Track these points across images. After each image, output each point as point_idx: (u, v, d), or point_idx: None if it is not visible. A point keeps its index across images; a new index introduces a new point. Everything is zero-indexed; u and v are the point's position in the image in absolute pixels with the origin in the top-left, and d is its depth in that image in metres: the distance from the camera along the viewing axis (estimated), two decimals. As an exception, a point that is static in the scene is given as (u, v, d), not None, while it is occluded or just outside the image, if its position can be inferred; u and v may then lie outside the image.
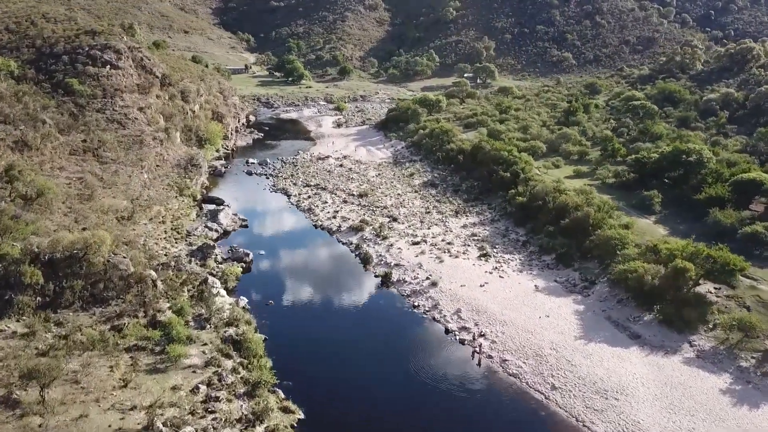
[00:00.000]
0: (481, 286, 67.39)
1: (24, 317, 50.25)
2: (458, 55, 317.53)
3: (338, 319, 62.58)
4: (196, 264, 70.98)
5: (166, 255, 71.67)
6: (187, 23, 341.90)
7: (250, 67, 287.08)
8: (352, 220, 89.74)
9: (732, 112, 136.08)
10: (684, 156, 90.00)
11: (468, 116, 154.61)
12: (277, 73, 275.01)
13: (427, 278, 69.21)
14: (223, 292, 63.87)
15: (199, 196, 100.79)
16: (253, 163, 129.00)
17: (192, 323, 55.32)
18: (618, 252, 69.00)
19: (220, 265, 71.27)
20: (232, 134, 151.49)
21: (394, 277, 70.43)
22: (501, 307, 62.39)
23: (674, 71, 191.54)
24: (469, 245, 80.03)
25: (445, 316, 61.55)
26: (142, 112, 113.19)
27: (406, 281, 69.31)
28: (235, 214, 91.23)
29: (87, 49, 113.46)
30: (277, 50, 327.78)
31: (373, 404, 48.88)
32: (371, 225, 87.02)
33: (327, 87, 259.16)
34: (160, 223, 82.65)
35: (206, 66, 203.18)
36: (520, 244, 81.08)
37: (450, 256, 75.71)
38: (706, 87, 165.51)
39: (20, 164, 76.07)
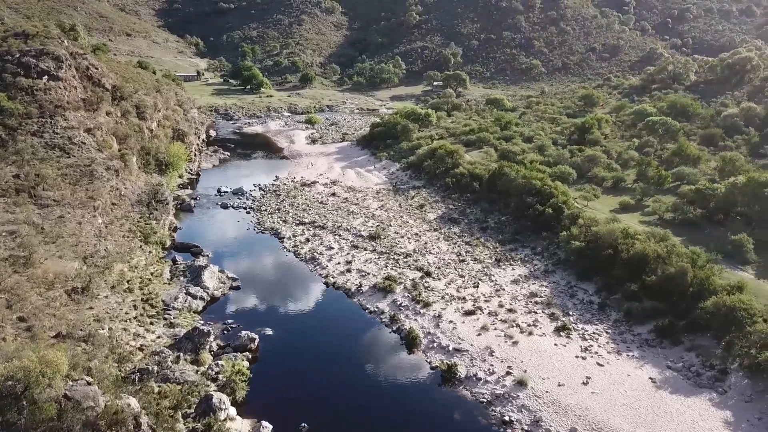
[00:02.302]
0: (584, 383, 49.93)
1: None
2: (425, 62, 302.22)
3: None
4: (185, 360, 50.77)
5: (141, 350, 51.09)
6: (128, 25, 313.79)
7: (203, 74, 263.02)
8: (373, 275, 71.00)
9: (756, 128, 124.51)
10: (766, 190, 75.44)
11: (465, 132, 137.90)
12: (232, 81, 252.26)
13: (508, 372, 51.25)
14: (233, 411, 44.11)
15: (168, 242, 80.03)
16: (227, 191, 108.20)
17: (201, 490, 35.60)
18: (749, 327, 53.07)
19: (218, 361, 51.26)
20: (195, 155, 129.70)
21: (461, 370, 52.07)
22: (630, 423, 45.01)
23: (668, 82, 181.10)
24: (535, 312, 62.60)
25: (557, 441, 43.77)
26: (90, 134, 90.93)
27: (480, 378, 51.08)
28: (222, 271, 70.79)
29: (18, 55, 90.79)
30: (229, 55, 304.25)
31: None
32: (400, 282, 68.53)
33: (289, 96, 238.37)
34: (125, 291, 61.66)
35: (154, 73, 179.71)
36: (595, 307, 64.23)
37: (522, 332, 57.96)
38: (712, 100, 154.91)
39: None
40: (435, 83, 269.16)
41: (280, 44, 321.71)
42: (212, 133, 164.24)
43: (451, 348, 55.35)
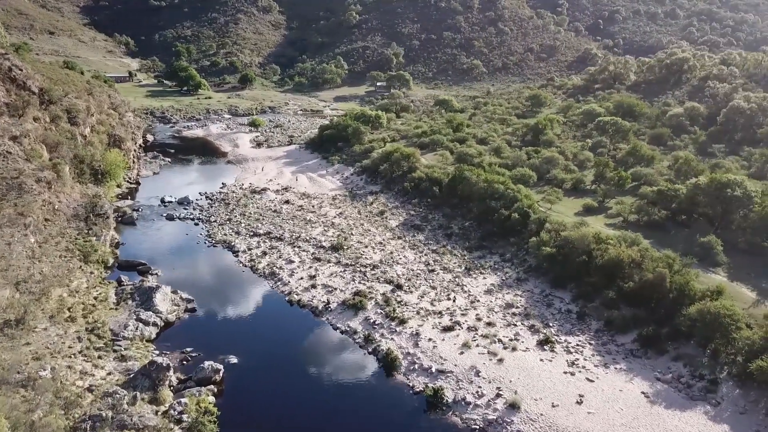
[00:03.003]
0: (578, 402, 47.35)
1: None
2: (367, 62, 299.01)
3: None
4: (143, 400, 44.95)
5: (91, 391, 44.86)
6: (51, 23, 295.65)
7: (135, 75, 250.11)
8: (341, 290, 66.63)
9: (700, 127, 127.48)
10: (728, 190, 75.63)
11: (417, 134, 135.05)
12: (167, 82, 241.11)
13: (498, 394, 48.08)
14: (203, 459, 39.01)
15: (111, 261, 72.99)
16: (171, 201, 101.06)
17: None
18: (734, 334, 51.99)
19: (181, 399, 45.72)
20: (134, 162, 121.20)
21: (448, 394, 48.52)
22: (633, 445, 42.70)
23: (610, 82, 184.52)
24: (515, 324, 59.95)
25: (561, 471, 40.86)
26: (16, 142, 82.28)
27: (469, 402, 47.66)
28: (175, 292, 64.71)
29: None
30: (163, 55, 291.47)
31: None
32: (371, 297, 64.45)
33: (229, 97, 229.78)
34: (67, 321, 54.95)
35: (82, 74, 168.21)
36: (574, 317, 62.22)
37: (505, 348, 55.04)
38: (654, 99, 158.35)
39: None
40: (378, 84, 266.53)
41: (217, 44, 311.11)
42: (150, 137, 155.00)
43: (434, 369, 51.74)
